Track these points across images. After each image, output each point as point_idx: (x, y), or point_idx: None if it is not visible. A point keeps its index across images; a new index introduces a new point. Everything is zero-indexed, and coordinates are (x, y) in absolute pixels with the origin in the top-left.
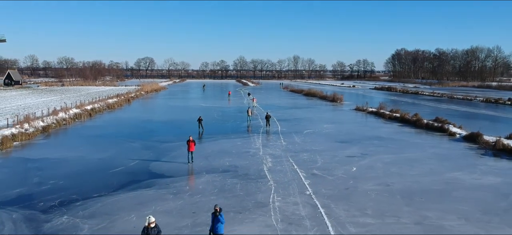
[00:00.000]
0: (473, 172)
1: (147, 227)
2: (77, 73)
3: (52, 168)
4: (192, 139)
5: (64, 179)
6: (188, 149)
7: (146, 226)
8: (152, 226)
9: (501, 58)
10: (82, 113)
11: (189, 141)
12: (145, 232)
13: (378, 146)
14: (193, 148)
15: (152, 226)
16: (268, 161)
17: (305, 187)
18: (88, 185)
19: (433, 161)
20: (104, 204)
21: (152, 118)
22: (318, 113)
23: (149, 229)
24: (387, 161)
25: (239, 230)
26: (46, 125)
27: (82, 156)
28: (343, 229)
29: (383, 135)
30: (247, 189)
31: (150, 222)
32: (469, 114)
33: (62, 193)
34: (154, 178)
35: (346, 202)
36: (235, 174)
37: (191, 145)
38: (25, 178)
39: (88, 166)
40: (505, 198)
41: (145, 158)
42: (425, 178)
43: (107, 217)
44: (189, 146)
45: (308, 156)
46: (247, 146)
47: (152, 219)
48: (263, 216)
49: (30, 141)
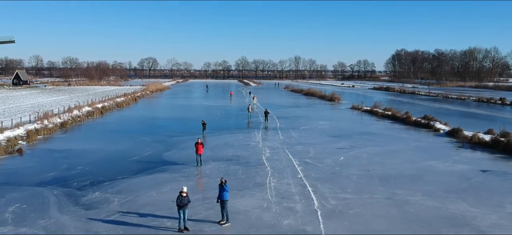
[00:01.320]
0: (446, 161)
1: (181, 195)
2: (82, 73)
3: (76, 157)
4: (201, 141)
5: (89, 165)
6: (197, 152)
7: (180, 194)
8: (183, 195)
9: (498, 58)
10: (94, 111)
11: (197, 143)
12: (179, 199)
13: (367, 140)
14: (202, 151)
15: (184, 195)
16: (266, 152)
17: (297, 172)
18: (111, 170)
19: (413, 152)
20: (127, 184)
21: (160, 116)
22: (316, 112)
23: (182, 197)
24: (372, 152)
25: (241, 202)
26: (63, 122)
27: (100, 148)
28: (325, 201)
29: (373, 131)
30: (248, 173)
31: (183, 191)
32: (459, 113)
33: (90, 176)
34: (167, 165)
35: (330, 183)
36: (237, 162)
37: (199, 148)
38: (55, 165)
39: (108, 156)
40: (467, 180)
41: (157, 149)
42: (402, 166)
43: (132, 193)
44: (197, 148)
45: (302, 148)
46: (248, 139)
47: (184, 189)
48: (260, 193)
49: (51, 135)
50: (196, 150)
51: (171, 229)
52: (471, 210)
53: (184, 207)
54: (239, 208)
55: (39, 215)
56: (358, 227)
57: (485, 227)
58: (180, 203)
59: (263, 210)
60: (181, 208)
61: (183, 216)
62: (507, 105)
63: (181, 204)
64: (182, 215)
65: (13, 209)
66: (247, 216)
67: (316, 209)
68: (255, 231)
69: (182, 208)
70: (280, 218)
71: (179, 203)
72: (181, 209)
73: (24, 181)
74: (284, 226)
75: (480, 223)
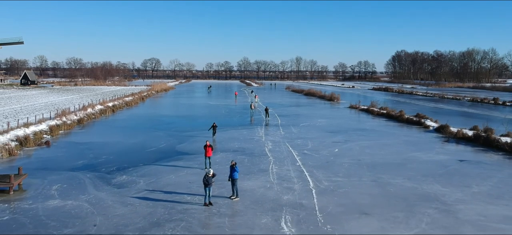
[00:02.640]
0: (429, 152)
1: (207, 175)
2: (88, 74)
3: (99, 148)
4: (209, 144)
5: (112, 155)
6: (206, 155)
7: (206, 175)
8: (209, 176)
9: (496, 60)
10: (106, 109)
11: (206, 146)
12: (206, 179)
13: (361, 135)
14: (210, 153)
15: (209, 176)
16: (269, 145)
17: (296, 161)
18: (133, 158)
19: (401, 145)
20: (149, 169)
21: (168, 114)
22: (315, 110)
23: (208, 178)
24: (364, 145)
25: (247, 183)
26: (80, 118)
27: (119, 141)
28: (319, 183)
29: (368, 127)
30: (253, 162)
31: (209, 173)
32: (452, 111)
33: (115, 163)
34: (181, 154)
35: (325, 169)
36: (243, 153)
37: (208, 150)
38: (82, 154)
39: (127, 147)
40: (444, 167)
41: (170, 142)
42: (389, 156)
43: (154, 176)
44: (206, 151)
45: (301, 142)
46: (251, 134)
47: (211, 172)
48: (264, 177)
49: (70, 130)
50: (205, 152)
51: (199, 203)
52: (442, 189)
53: (209, 186)
54: (247, 188)
55: (80, 192)
56: (345, 201)
57: (450, 202)
58: (206, 182)
59: (266, 189)
60: (206, 186)
61: (208, 193)
62: (500, 105)
63: (207, 183)
64: (207, 192)
65: (56, 188)
66: (253, 193)
67: (311, 188)
68: (260, 204)
69: (207, 186)
70: (280, 194)
71: (206, 182)
72: (206, 187)
73: (59, 167)
74: (284, 201)
75: (447, 199)
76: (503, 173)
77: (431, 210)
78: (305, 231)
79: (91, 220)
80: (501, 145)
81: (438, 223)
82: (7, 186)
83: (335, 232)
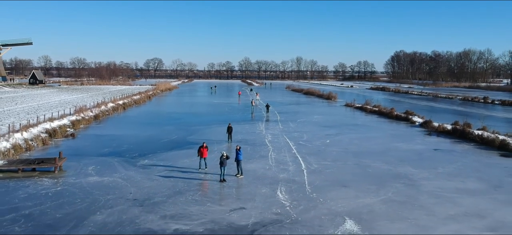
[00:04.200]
0: (410, 143)
1: (222, 156)
2: (93, 73)
3: (119, 139)
4: (206, 145)
5: (132, 145)
6: (201, 156)
7: (222, 155)
8: (224, 157)
9: (491, 60)
10: (117, 107)
11: (202, 147)
12: (221, 159)
13: (352, 129)
14: (206, 155)
15: (224, 157)
16: (268, 137)
17: (292, 149)
18: (150, 147)
19: (387, 138)
20: (166, 155)
21: (175, 111)
22: (313, 108)
23: (223, 158)
24: (353, 137)
25: (250, 166)
26: (96, 114)
27: (135, 133)
28: (310, 165)
29: (359, 122)
30: (254, 150)
31: (224, 154)
32: (441, 109)
33: (136, 151)
34: (192, 144)
35: (316, 155)
36: (246, 143)
37: (204, 151)
38: (106, 144)
39: (143, 139)
40: (419, 155)
41: (181, 134)
42: (374, 146)
43: (171, 160)
44: (202, 152)
45: (298, 134)
46: (253, 128)
47: (224, 153)
48: (264, 161)
49: (89, 125)
50: (200, 154)
51: (210, 179)
52: (412, 170)
53: (224, 165)
54: (249, 169)
55: (112, 171)
56: (330, 178)
57: (416, 179)
58: (222, 162)
59: (266, 170)
60: (222, 165)
61: (223, 171)
62: (489, 103)
63: (222, 163)
64: (222, 170)
65: (92, 168)
66: (255, 172)
67: (303, 169)
68: (261, 180)
69: (223, 165)
70: (277, 173)
71: (221, 161)
72: (222, 166)
73: (89, 154)
74: (280, 178)
75: (415, 177)
76: (468, 158)
77: (399, 184)
78: (296, 198)
79: (127, 190)
80: (473, 137)
81: (402, 193)
82: (53, 166)
83: (320, 198)
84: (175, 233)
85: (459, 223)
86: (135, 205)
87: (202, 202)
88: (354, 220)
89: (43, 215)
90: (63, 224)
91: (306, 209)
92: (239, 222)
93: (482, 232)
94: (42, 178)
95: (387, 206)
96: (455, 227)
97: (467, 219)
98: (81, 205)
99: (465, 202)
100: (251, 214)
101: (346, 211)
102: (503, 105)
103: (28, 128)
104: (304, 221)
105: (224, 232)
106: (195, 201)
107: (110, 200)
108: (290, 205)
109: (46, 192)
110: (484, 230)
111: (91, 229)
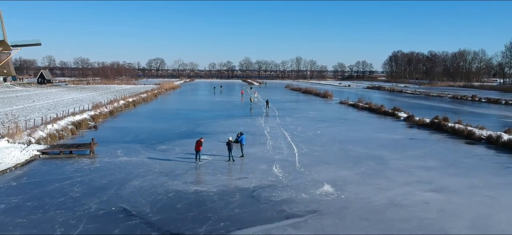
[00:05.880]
0: (391, 134)
1: (229, 141)
2: (98, 73)
3: (136, 131)
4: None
5: (149, 135)
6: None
7: (229, 141)
8: (231, 141)
9: (485, 60)
10: (128, 104)
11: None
12: (229, 144)
13: (342, 123)
14: (200, 148)
15: (231, 141)
16: (267, 129)
17: (287, 138)
18: (165, 136)
19: (372, 130)
20: (180, 142)
21: (182, 107)
22: (309, 105)
23: (230, 143)
24: (342, 129)
25: (251, 150)
26: (111, 110)
27: (149, 126)
28: (301, 150)
29: (350, 117)
30: (254, 139)
31: (230, 139)
32: (429, 106)
33: (154, 139)
34: (201, 134)
35: (307, 143)
36: (247, 133)
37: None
38: (126, 134)
39: (157, 130)
40: (396, 142)
41: (190, 127)
42: (359, 136)
43: (185, 146)
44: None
45: (293, 127)
46: (253, 122)
47: (230, 138)
48: (262, 147)
49: (106, 119)
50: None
51: (220, 160)
52: (385, 153)
53: (231, 148)
54: (250, 152)
55: (137, 153)
56: (317, 159)
57: (387, 159)
58: (229, 146)
59: (264, 153)
60: (230, 149)
61: (230, 154)
62: (476, 101)
63: (229, 146)
64: (230, 152)
65: (120, 152)
66: (255, 154)
67: (295, 153)
68: (260, 160)
69: (230, 149)
70: (273, 155)
71: (229, 146)
72: (230, 150)
73: (114, 141)
74: (276, 158)
75: (386, 158)
76: (436, 145)
77: (372, 162)
78: (287, 172)
79: (153, 166)
80: (446, 128)
81: (372, 168)
82: (88, 149)
83: (306, 172)
84: (196, 192)
85: (411, 187)
86: (161, 175)
87: (214, 174)
88: (330, 185)
89: (92, 182)
90: (110, 187)
91: (295, 178)
92: (243, 185)
93: (427, 192)
94: (81, 158)
95: (359, 176)
96: (407, 189)
97: (418, 184)
98: (119, 175)
99: (421, 174)
100: (252, 181)
101: (325, 179)
102: (488, 103)
103: (57, 121)
104: (292, 186)
105: (232, 192)
106: (208, 173)
107: (141, 172)
108: (282, 176)
109: (89, 167)
110: (429, 192)
111: (132, 190)
